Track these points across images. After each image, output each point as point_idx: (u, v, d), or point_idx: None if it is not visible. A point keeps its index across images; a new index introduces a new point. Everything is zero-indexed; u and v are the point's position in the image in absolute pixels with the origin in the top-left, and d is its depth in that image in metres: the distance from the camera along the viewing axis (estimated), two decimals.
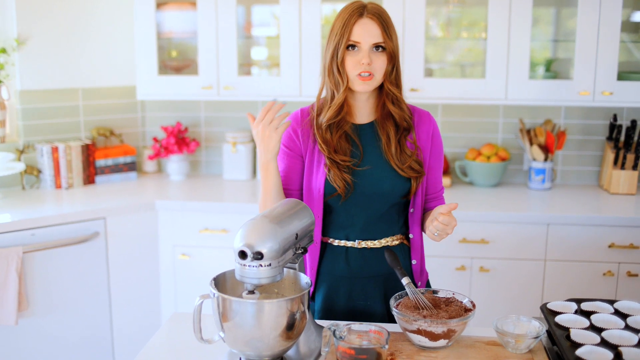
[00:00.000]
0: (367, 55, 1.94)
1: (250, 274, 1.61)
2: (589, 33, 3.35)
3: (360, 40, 1.94)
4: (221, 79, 3.64)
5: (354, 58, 1.96)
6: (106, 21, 3.85)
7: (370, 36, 1.94)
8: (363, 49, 1.95)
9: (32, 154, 3.70)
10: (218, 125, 4.07)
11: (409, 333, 1.79)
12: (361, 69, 1.95)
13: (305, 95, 3.56)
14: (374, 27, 1.94)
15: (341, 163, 2.01)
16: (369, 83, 1.97)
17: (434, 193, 2.15)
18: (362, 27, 1.94)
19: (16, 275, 3.01)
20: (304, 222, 1.80)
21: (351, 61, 1.96)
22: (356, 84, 1.98)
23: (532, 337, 1.73)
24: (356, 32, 1.94)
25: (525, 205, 3.42)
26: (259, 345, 1.62)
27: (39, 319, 3.19)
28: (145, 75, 3.70)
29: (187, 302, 3.51)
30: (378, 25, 1.95)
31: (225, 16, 3.57)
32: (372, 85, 1.99)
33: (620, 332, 1.73)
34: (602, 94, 3.39)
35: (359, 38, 1.94)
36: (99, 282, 3.35)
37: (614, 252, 3.20)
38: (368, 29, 1.94)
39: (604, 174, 3.72)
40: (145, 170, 4.11)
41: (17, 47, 3.57)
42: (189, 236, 3.47)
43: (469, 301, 1.87)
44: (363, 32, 1.94)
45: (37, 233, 3.14)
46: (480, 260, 3.28)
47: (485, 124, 3.85)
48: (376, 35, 1.94)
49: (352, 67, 1.96)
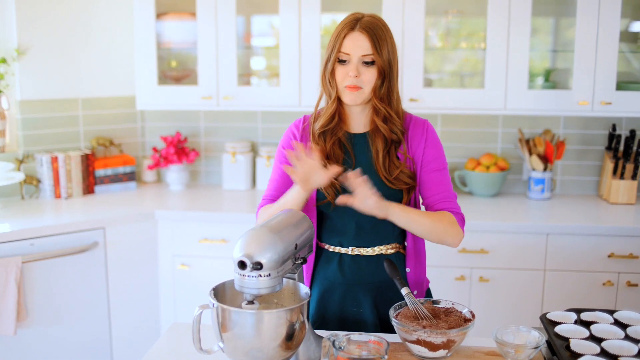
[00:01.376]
0: (355, 69, 1.97)
1: (250, 284, 1.61)
2: (587, 43, 3.36)
3: (350, 53, 1.98)
4: (221, 89, 3.64)
5: (343, 70, 2.00)
6: (106, 31, 3.86)
7: (359, 49, 1.97)
8: (352, 62, 1.98)
9: (32, 164, 3.70)
10: (217, 135, 4.08)
11: (408, 343, 1.79)
12: (348, 81, 1.98)
13: (304, 105, 3.57)
14: (363, 41, 1.96)
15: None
16: (356, 94, 1.99)
17: (440, 193, 2.09)
18: (352, 40, 1.97)
19: (15, 285, 3.01)
20: (303, 232, 1.80)
21: (340, 73, 2.00)
22: (344, 95, 2.01)
23: (531, 347, 1.73)
24: (346, 45, 1.98)
25: (524, 215, 3.42)
26: (258, 356, 1.62)
27: (38, 329, 3.18)
28: (144, 85, 3.71)
29: (186, 312, 3.50)
30: (368, 39, 1.96)
31: (224, 26, 3.58)
32: (359, 98, 2.00)
33: (620, 342, 1.73)
34: (601, 104, 3.40)
35: (348, 50, 1.98)
36: (98, 292, 3.34)
37: (613, 262, 3.20)
38: (357, 42, 1.97)
39: (603, 183, 3.72)
40: (145, 180, 4.11)
41: (17, 57, 3.58)
42: (189, 246, 3.47)
43: (468, 311, 1.87)
44: (352, 46, 1.97)
45: (36, 243, 3.14)
46: (479, 270, 3.27)
47: (484, 134, 3.86)
48: (365, 49, 1.96)
49: (341, 78, 2.00)
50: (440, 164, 2.10)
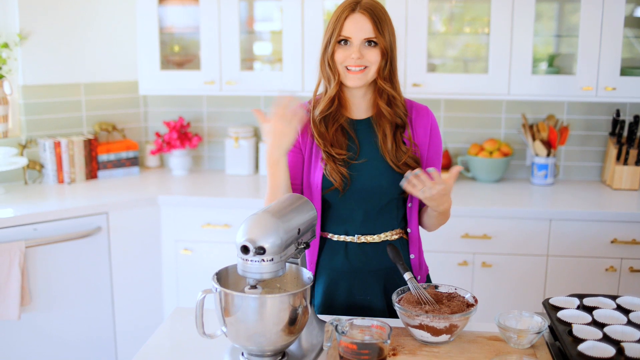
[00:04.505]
0: (358, 50, 1.95)
1: (253, 269, 1.61)
2: (592, 28, 3.34)
3: (351, 35, 1.95)
4: (223, 74, 3.63)
5: (345, 52, 1.97)
6: (108, 16, 3.84)
7: (361, 31, 1.95)
8: (354, 44, 1.96)
9: (35, 149, 3.71)
10: (220, 120, 4.07)
11: (411, 328, 1.79)
12: (350, 62, 1.96)
13: (307, 90, 3.56)
14: (365, 22, 1.95)
15: (337, 157, 2.01)
16: (359, 77, 1.98)
17: None
18: (354, 22, 1.95)
19: (19, 270, 3.02)
20: (306, 216, 1.80)
21: (341, 55, 1.97)
22: (347, 78, 1.99)
23: (534, 332, 1.73)
24: (347, 26, 1.95)
25: (527, 201, 3.42)
26: (261, 340, 1.62)
27: (41, 313, 3.19)
28: (147, 70, 3.70)
29: (189, 297, 3.51)
30: (369, 20, 1.95)
31: (227, 11, 3.57)
32: (363, 80, 1.99)
33: (623, 327, 1.73)
34: (605, 90, 3.39)
35: (349, 33, 1.95)
36: (101, 276, 3.35)
37: (616, 247, 3.20)
38: (359, 24, 1.95)
39: (606, 169, 3.71)
40: (148, 165, 4.11)
41: (19, 42, 3.57)
42: (192, 231, 3.47)
43: (471, 296, 1.87)
44: (354, 27, 1.95)
45: (40, 228, 3.15)
46: (482, 256, 3.28)
47: (487, 119, 3.85)
48: (367, 31, 1.95)
49: (342, 60, 1.98)
50: (439, 155, 2.13)
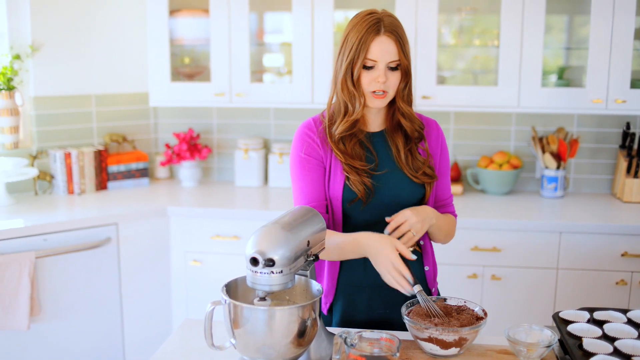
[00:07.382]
0: (384, 74, 1.93)
1: (262, 281, 1.61)
2: (602, 41, 3.34)
3: (378, 59, 1.93)
4: (233, 85, 3.65)
5: (370, 76, 1.95)
6: (119, 28, 3.87)
7: (387, 55, 1.92)
8: (379, 68, 1.93)
9: (45, 160, 3.72)
10: (230, 132, 4.08)
11: (420, 341, 1.78)
12: (376, 87, 1.95)
13: (317, 102, 3.57)
14: (390, 45, 1.92)
15: (360, 168, 2.01)
16: (383, 100, 1.99)
17: (444, 200, 2.16)
18: (380, 45, 1.92)
19: (28, 280, 3.03)
20: (315, 229, 1.80)
21: (367, 79, 1.95)
22: (370, 100, 1.98)
23: (544, 346, 1.72)
24: (374, 50, 1.92)
25: (537, 214, 3.41)
26: (270, 352, 1.62)
27: (50, 324, 3.20)
28: (157, 81, 3.72)
29: (198, 308, 3.51)
30: (394, 43, 1.93)
31: (237, 23, 3.59)
32: (385, 102, 2.00)
33: (634, 341, 1.72)
34: (615, 102, 3.38)
35: (376, 57, 1.92)
36: (110, 287, 3.36)
37: (626, 260, 3.18)
38: (386, 47, 1.92)
39: (616, 182, 3.70)
40: (157, 177, 4.12)
41: (31, 53, 3.60)
42: (201, 242, 3.47)
43: (480, 309, 1.87)
44: (381, 51, 1.92)
45: (50, 238, 3.16)
46: (492, 269, 3.26)
47: (497, 132, 3.84)
48: (393, 54, 1.93)
49: (367, 84, 1.96)
50: (448, 168, 2.17)
